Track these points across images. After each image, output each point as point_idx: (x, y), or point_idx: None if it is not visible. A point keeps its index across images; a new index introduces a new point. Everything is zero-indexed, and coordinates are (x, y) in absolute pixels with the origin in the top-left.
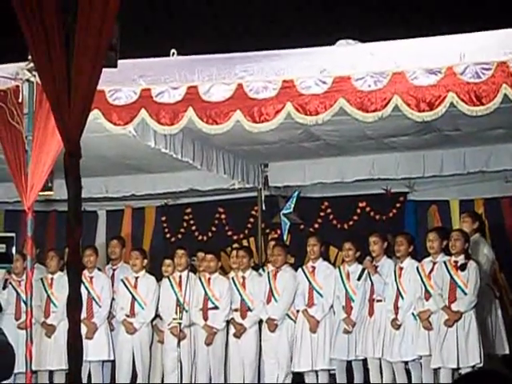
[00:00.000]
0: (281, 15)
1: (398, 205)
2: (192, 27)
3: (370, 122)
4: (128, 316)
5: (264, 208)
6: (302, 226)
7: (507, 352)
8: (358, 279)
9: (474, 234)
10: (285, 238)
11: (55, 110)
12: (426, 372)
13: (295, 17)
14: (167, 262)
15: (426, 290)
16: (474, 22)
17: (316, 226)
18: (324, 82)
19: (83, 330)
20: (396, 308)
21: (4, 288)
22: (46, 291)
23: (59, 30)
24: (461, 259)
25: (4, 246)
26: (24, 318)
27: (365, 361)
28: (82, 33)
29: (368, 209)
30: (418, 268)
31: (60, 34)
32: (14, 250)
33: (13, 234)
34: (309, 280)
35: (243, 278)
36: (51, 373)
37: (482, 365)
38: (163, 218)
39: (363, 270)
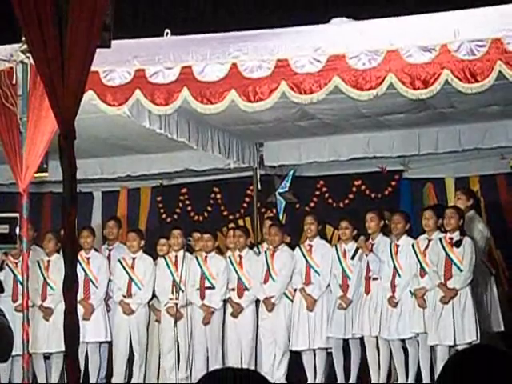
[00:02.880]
0: None
1: (393, 183)
2: (185, 7)
3: (364, 100)
4: (125, 297)
5: (259, 187)
6: (297, 205)
7: (502, 329)
8: (352, 258)
9: (469, 211)
10: (280, 217)
11: (49, 92)
12: (422, 349)
13: None
14: (162, 241)
15: (422, 268)
16: None
17: (312, 204)
18: (318, 61)
19: (80, 311)
20: (393, 286)
21: (0, 270)
22: (42, 274)
23: (52, 10)
24: (456, 236)
25: (7, 226)
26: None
27: (361, 339)
28: (74, 13)
29: (363, 187)
30: (413, 245)
31: (53, 14)
32: (17, 230)
33: (16, 215)
34: (306, 259)
35: (240, 257)
36: (46, 356)
37: (478, 341)
38: (159, 199)
39: (357, 250)
